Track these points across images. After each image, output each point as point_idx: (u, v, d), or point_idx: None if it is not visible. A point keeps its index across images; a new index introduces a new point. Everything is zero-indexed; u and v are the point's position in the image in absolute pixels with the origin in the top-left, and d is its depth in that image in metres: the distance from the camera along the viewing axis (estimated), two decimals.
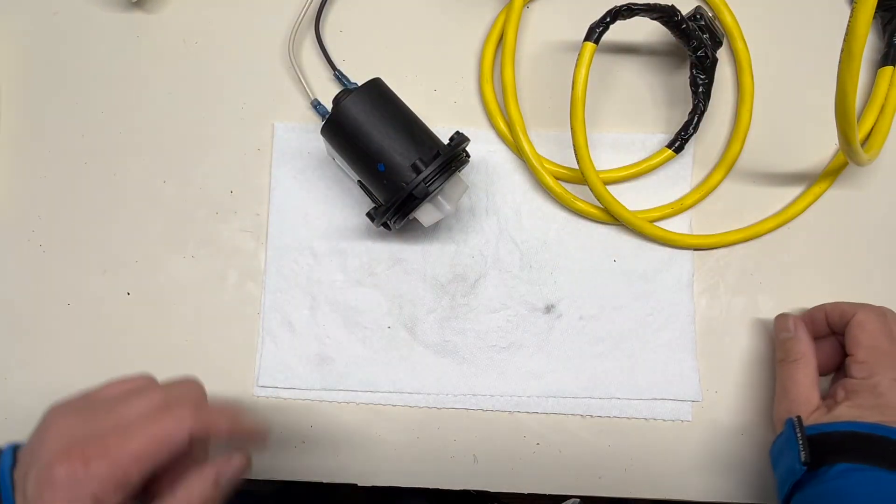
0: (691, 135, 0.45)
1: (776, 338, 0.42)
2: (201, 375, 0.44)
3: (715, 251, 0.46)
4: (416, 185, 0.38)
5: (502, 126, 0.46)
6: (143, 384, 0.34)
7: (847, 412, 0.36)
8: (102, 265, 0.45)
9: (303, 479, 0.43)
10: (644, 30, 0.47)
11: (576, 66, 0.41)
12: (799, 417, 0.37)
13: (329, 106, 0.42)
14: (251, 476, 0.43)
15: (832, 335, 0.41)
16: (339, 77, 0.47)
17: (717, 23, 0.46)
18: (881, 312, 0.39)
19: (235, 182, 0.47)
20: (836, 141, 0.43)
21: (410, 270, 0.45)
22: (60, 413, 0.32)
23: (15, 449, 0.31)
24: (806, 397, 0.38)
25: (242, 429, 0.35)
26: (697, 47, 0.43)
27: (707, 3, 0.47)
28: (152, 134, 0.47)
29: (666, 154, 0.45)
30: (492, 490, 0.43)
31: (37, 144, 0.47)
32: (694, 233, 0.46)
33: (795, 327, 0.41)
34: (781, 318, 0.42)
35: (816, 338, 0.41)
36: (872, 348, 0.38)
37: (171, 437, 0.30)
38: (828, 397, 0.38)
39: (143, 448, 0.30)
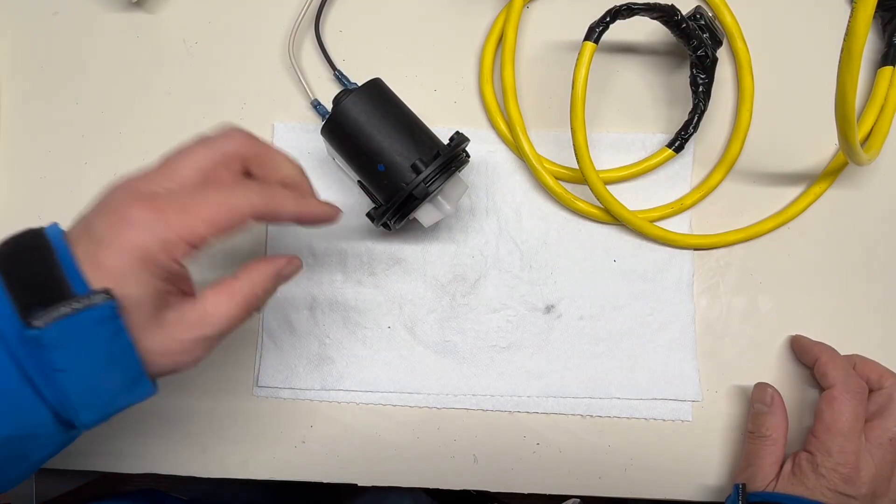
0: (691, 134, 0.45)
1: (751, 406, 0.42)
2: (201, 375, 0.45)
3: (715, 251, 0.46)
4: (416, 186, 0.38)
5: (502, 126, 0.46)
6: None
7: (790, 488, 0.38)
8: None
9: (303, 479, 0.43)
10: (644, 30, 0.47)
11: (576, 66, 0.41)
12: (744, 485, 0.39)
13: (329, 106, 0.42)
14: (250, 476, 0.43)
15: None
16: (339, 77, 0.47)
17: (717, 22, 0.46)
18: (859, 389, 0.39)
19: None
20: (836, 141, 0.43)
21: (410, 270, 0.45)
22: (129, 181, 0.32)
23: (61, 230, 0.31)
24: (765, 473, 0.39)
25: (308, 213, 0.34)
26: (697, 47, 0.43)
27: (707, 3, 0.47)
28: (152, 134, 0.47)
29: (666, 154, 0.45)
30: (492, 490, 0.43)
31: (37, 144, 0.47)
32: (694, 233, 0.46)
33: (773, 402, 0.41)
34: (760, 387, 0.42)
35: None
36: (830, 426, 0.38)
37: (240, 210, 0.31)
38: (784, 465, 0.40)
39: (214, 214, 0.30)
